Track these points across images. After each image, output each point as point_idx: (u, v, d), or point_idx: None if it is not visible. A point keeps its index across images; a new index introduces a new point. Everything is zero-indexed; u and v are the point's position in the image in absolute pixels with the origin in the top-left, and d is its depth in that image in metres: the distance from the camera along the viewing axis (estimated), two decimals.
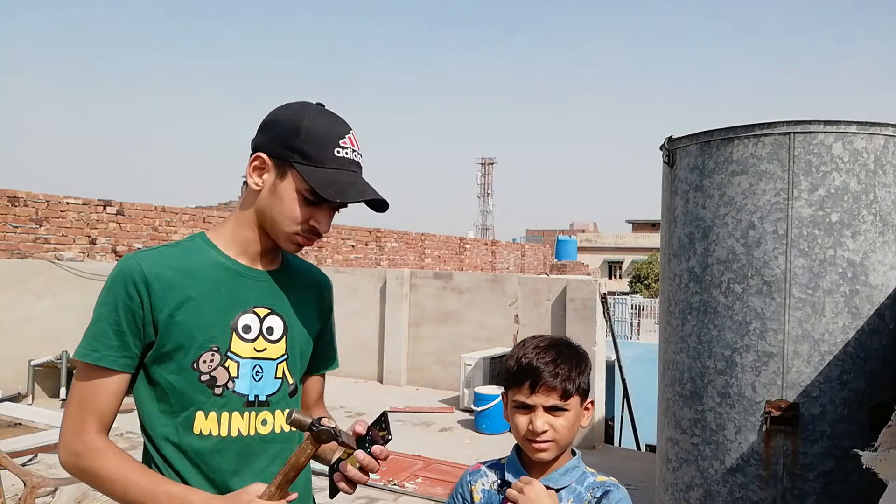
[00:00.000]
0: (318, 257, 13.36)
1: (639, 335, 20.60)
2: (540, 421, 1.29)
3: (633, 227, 55.42)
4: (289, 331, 1.33)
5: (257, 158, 1.26)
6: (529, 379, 1.31)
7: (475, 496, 1.42)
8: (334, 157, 1.24)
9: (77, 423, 1.19)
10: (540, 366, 1.30)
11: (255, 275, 1.31)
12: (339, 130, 1.27)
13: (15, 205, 8.18)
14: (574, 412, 1.32)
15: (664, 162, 3.38)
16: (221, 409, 1.23)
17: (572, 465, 1.36)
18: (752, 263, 2.88)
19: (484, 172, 73.83)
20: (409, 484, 5.08)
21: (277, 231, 1.27)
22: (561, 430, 1.30)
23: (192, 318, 1.21)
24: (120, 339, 1.19)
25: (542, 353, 1.33)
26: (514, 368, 1.35)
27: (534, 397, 1.30)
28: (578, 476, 1.35)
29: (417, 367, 9.20)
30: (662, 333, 3.44)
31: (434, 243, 17.75)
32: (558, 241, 31.94)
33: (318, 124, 1.24)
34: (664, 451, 3.34)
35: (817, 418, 2.76)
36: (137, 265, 1.20)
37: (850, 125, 2.77)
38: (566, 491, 1.32)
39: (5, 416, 5.53)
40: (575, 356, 1.35)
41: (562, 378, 1.30)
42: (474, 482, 1.44)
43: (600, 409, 6.75)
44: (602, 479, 1.36)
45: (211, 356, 1.22)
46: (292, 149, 1.23)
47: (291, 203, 1.24)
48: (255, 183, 1.26)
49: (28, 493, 3.40)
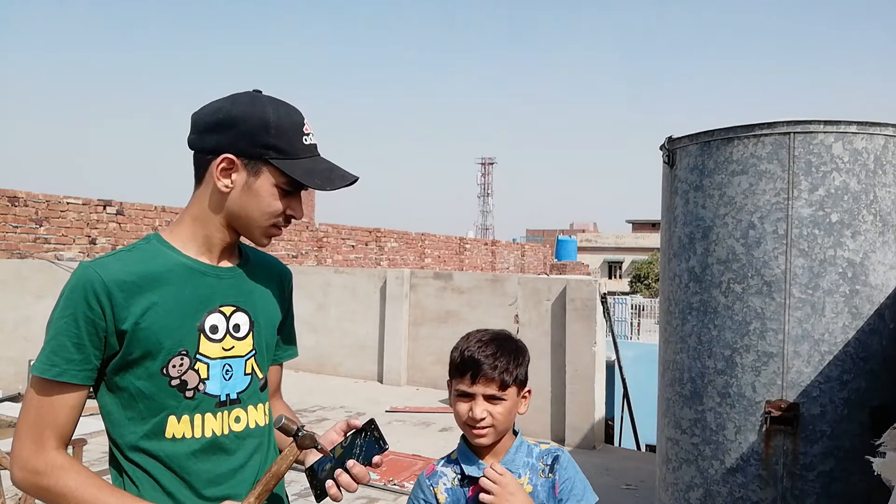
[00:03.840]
0: (318, 257, 13.36)
1: (639, 335, 20.60)
2: (479, 409, 1.41)
3: (633, 227, 55.44)
4: (255, 326, 1.32)
5: (224, 160, 1.23)
6: (471, 370, 1.43)
7: (440, 497, 1.46)
8: (304, 146, 1.27)
9: (35, 440, 1.15)
10: (481, 358, 1.42)
11: (219, 272, 1.30)
12: (299, 118, 1.29)
13: (15, 205, 8.19)
14: (511, 401, 1.44)
15: (664, 162, 3.38)
16: (194, 412, 1.22)
17: (518, 443, 1.48)
18: (752, 263, 2.88)
19: (484, 172, 73.82)
20: (409, 484, 5.08)
21: (253, 227, 1.27)
22: (498, 417, 1.41)
23: (158, 323, 1.19)
24: (81, 353, 1.15)
25: (484, 346, 1.45)
26: (458, 360, 1.48)
27: (474, 387, 1.42)
28: (526, 450, 1.48)
29: (417, 367, 9.20)
30: (662, 333, 3.44)
31: (434, 243, 17.75)
32: (558, 241, 31.94)
33: (282, 117, 1.26)
34: (664, 451, 3.34)
35: (817, 418, 2.76)
36: (97, 274, 1.16)
37: (850, 125, 2.77)
38: (522, 466, 1.44)
39: (5, 416, 5.53)
40: (513, 350, 1.46)
41: (500, 370, 1.42)
42: (435, 484, 1.49)
43: (600, 409, 6.75)
44: (546, 447, 1.49)
45: (180, 360, 1.20)
46: (265, 146, 1.23)
47: (270, 198, 1.25)
48: (224, 185, 1.24)
49: None
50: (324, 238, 13.66)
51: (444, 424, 7.13)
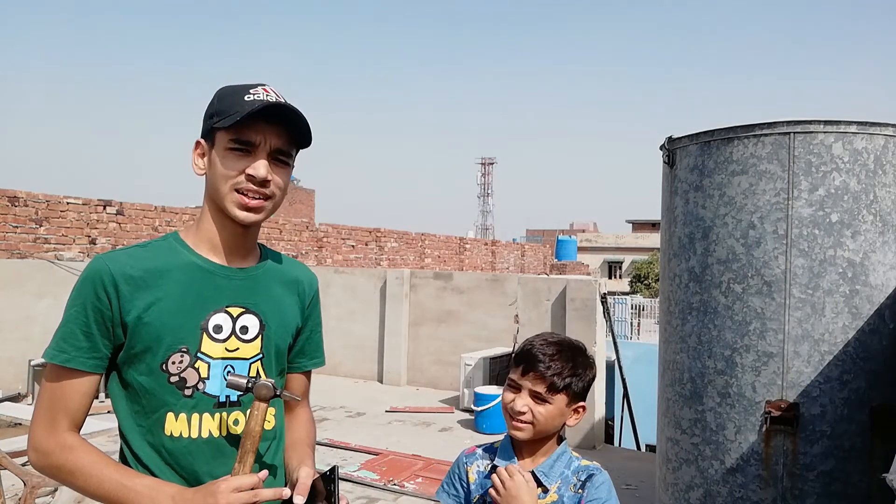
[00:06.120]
0: (318, 257, 13.36)
1: (639, 335, 20.59)
2: (521, 402, 1.40)
3: (633, 227, 55.41)
4: (265, 329, 1.31)
5: (197, 146, 1.29)
6: (524, 363, 1.42)
7: (470, 477, 1.50)
8: (244, 101, 1.22)
9: (48, 423, 1.19)
10: (538, 354, 1.41)
11: (229, 273, 1.29)
12: (248, 84, 1.28)
13: (15, 205, 8.18)
14: (557, 407, 1.41)
15: (664, 162, 3.38)
16: (192, 411, 1.22)
17: (560, 452, 1.46)
18: (752, 263, 2.88)
19: (484, 172, 73.81)
20: (409, 484, 5.08)
21: (221, 199, 1.25)
22: (539, 417, 1.39)
23: (160, 319, 1.20)
24: (89, 341, 1.18)
25: (547, 345, 1.43)
26: (519, 350, 1.48)
27: (523, 380, 1.41)
28: (566, 461, 1.45)
29: (417, 367, 9.20)
30: (662, 333, 3.44)
31: (434, 243, 17.75)
32: (558, 241, 31.93)
33: (228, 88, 1.28)
34: (664, 451, 3.34)
35: (817, 418, 2.76)
36: (107, 266, 1.20)
37: (850, 125, 2.77)
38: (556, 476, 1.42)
39: (5, 416, 5.54)
40: (575, 358, 1.44)
41: (553, 372, 1.40)
42: (470, 463, 1.52)
43: (600, 409, 6.75)
44: (586, 464, 1.46)
45: (180, 357, 1.21)
46: (211, 116, 1.26)
47: (225, 161, 1.24)
48: (198, 167, 1.29)
49: (28, 493, 3.40)
50: (324, 238, 13.66)
51: (443, 424, 7.12)
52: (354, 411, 7.59)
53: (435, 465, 5.54)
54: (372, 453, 5.89)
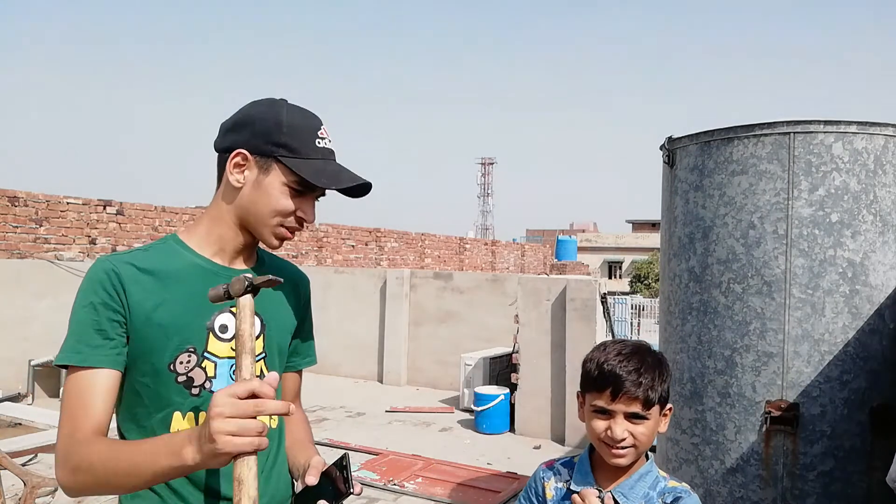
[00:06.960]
0: (318, 257, 13.35)
1: (639, 335, 20.60)
2: (620, 428, 1.29)
3: (633, 227, 55.43)
4: (266, 329, 1.33)
5: (238, 155, 1.25)
6: (611, 386, 1.30)
7: (548, 493, 1.42)
8: (316, 147, 1.27)
9: (70, 435, 1.12)
10: (623, 374, 1.29)
11: (232, 274, 1.30)
12: (315, 123, 1.30)
13: (15, 205, 8.18)
14: (653, 420, 1.32)
15: (664, 162, 3.38)
16: (199, 410, 1.22)
17: (646, 471, 1.36)
18: (752, 263, 2.88)
19: (484, 172, 73.82)
20: (409, 484, 5.08)
21: (262, 226, 1.28)
22: (640, 438, 1.30)
23: (167, 320, 1.20)
24: (103, 337, 1.17)
25: (626, 360, 1.32)
26: (595, 373, 1.34)
27: (615, 405, 1.29)
28: (652, 481, 1.34)
29: (417, 367, 9.20)
30: (662, 333, 3.44)
31: (434, 243, 17.75)
32: (558, 241, 31.94)
33: (296, 118, 1.28)
34: (664, 451, 3.34)
35: (817, 418, 2.76)
36: (112, 266, 1.20)
37: (850, 125, 2.77)
38: (639, 496, 1.32)
39: (5, 416, 5.53)
40: (657, 364, 1.34)
41: (645, 387, 1.29)
42: (547, 479, 1.45)
43: None
44: (674, 485, 1.35)
45: (188, 357, 1.22)
46: (276, 143, 1.24)
47: (278, 195, 1.25)
48: (236, 180, 1.26)
49: (28, 493, 3.40)
50: (324, 238, 13.65)
51: (443, 424, 7.12)
52: (354, 411, 7.60)
53: (435, 465, 5.54)
54: (372, 453, 5.90)
